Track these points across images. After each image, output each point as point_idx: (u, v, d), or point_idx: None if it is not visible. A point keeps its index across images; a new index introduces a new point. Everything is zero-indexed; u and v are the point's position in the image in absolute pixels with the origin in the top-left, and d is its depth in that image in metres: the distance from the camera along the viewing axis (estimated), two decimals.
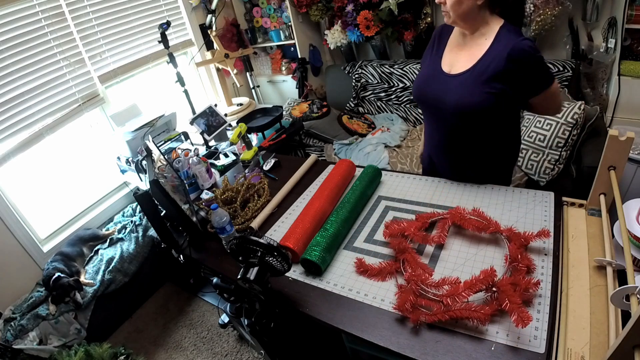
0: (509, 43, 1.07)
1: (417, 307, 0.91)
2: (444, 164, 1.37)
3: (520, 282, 0.87)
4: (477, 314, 0.83)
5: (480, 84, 1.12)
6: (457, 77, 1.17)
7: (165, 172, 1.36)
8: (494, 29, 1.12)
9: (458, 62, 1.19)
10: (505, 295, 0.83)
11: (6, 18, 1.94)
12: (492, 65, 1.10)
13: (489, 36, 1.13)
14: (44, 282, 1.89)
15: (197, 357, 1.97)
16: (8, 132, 2.00)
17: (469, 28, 1.15)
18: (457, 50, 1.21)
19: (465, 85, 1.14)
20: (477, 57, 1.14)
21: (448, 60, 1.22)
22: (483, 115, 1.16)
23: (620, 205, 0.92)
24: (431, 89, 1.22)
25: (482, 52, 1.13)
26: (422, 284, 0.94)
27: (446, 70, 1.20)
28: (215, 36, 2.76)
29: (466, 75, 1.15)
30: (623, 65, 2.03)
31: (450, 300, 0.87)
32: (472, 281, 0.88)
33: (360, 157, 2.42)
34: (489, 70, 1.10)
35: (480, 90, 1.12)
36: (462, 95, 1.14)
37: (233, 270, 1.11)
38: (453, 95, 1.16)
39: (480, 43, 1.14)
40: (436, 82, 1.21)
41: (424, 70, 1.29)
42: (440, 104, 1.20)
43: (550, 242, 1.02)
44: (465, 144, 1.25)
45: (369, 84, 2.89)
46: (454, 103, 1.16)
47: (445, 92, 1.18)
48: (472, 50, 1.16)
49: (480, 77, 1.12)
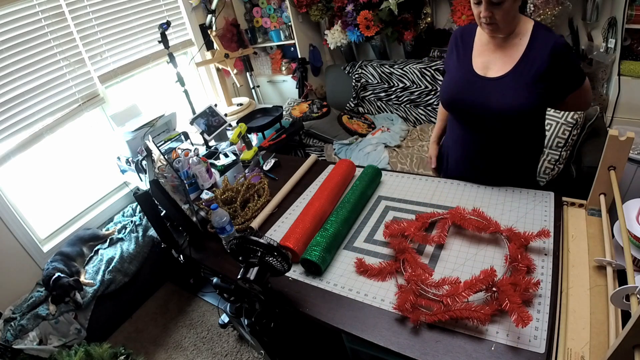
0: (549, 41, 1.05)
1: (417, 307, 0.91)
2: (481, 168, 1.32)
3: (520, 282, 0.87)
4: (477, 314, 0.83)
5: (525, 85, 1.09)
6: (498, 80, 1.13)
7: (165, 172, 1.36)
8: (528, 28, 1.09)
9: (494, 65, 1.14)
10: (505, 295, 0.83)
11: (6, 18, 1.94)
12: (535, 65, 1.07)
13: (524, 36, 1.09)
14: (44, 282, 1.89)
15: (197, 357, 1.97)
16: (8, 132, 2.00)
17: (508, 33, 1.11)
18: (489, 53, 1.16)
19: (510, 88, 1.10)
20: (515, 58, 1.10)
21: (480, 63, 1.17)
22: (526, 116, 1.13)
23: (620, 205, 0.92)
24: (468, 94, 1.17)
25: (520, 52, 1.09)
26: (422, 284, 0.94)
27: (481, 74, 1.15)
28: (215, 36, 2.76)
29: (508, 77, 1.11)
30: (623, 65, 2.03)
31: (450, 300, 0.87)
32: (472, 281, 0.88)
33: (360, 157, 2.42)
34: (532, 70, 1.07)
35: (526, 92, 1.09)
36: (507, 99, 1.10)
37: (233, 270, 1.11)
38: (497, 99, 1.12)
39: (515, 44, 1.11)
40: (473, 86, 1.16)
41: (454, 75, 1.22)
42: (481, 108, 1.15)
43: (550, 242, 1.02)
44: (506, 146, 1.22)
45: (369, 84, 2.89)
46: (498, 107, 1.12)
47: (486, 97, 1.13)
48: (508, 51, 1.12)
49: (524, 79, 1.08)
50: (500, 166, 1.28)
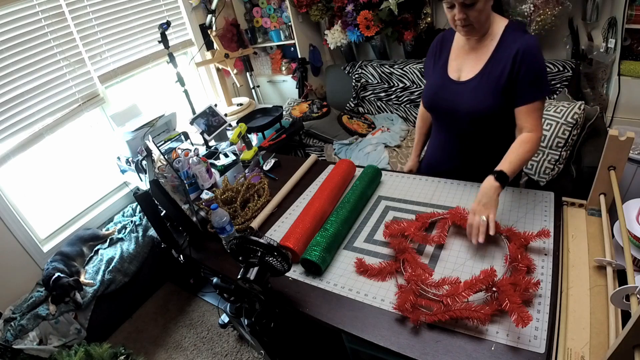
0: (516, 42, 1.05)
1: (418, 307, 0.91)
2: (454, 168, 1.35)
3: (520, 282, 0.87)
4: (478, 314, 0.83)
5: (490, 87, 1.10)
6: (467, 84, 1.15)
7: (165, 172, 1.37)
8: (499, 28, 1.10)
9: (465, 68, 1.17)
10: (505, 295, 0.83)
11: (6, 18, 1.94)
12: (500, 66, 1.08)
13: (495, 37, 1.11)
14: (44, 282, 1.89)
15: (197, 357, 1.97)
16: (8, 132, 2.00)
17: (482, 33, 1.11)
18: (464, 55, 1.18)
19: (476, 91, 1.13)
20: (484, 60, 1.12)
21: (454, 66, 1.20)
22: (496, 118, 1.14)
23: (620, 205, 0.92)
24: (442, 99, 1.21)
25: (489, 54, 1.11)
26: (422, 284, 0.94)
27: (454, 78, 1.19)
28: (215, 36, 2.76)
29: (475, 80, 1.13)
30: (623, 65, 2.03)
31: (450, 300, 0.87)
32: (472, 281, 0.88)
33: (360, 157, 2.42)
34: (497, 72, 1.08)
35: (491, 94, 1.10)
36: (474, 102, 1.13)
37: (233, 270, 1.11)
38: (465, 102, 1.15)
39: (486, 45, 1.12)
40: (446, 91, 1.20)
41: (432, 80, 1.27)
42: (453, 111, 1.19)
43: (550, 242, 1.02)
44: (478, 148, 1.24)
45: (369, 84, 2.89)
46: (466, 110, 1.15)
47: (457, 100, 1.17)
48: (479, 53, 1.14)
49: (490, 81, 1.10)
50: (478, 167, 1.27)
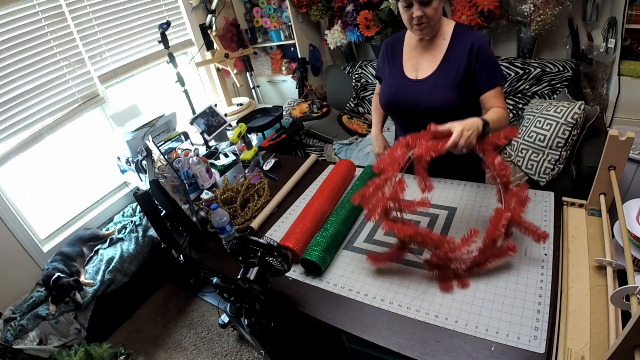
0: (468, 39, 1.13)
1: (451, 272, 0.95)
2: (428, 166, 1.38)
3: (522, 200, 0.96)
4: (506, 252, 0.92)
5: (449, 83, 1.16)
6: (425, 81, 1.21)
7: (165, 172, 1.36)
8: (449, 29, 1.18)
9: (422, 66, 1.22)
10: (518, 223, 0.93)
11: (6, 18, 1.94)
12: (456, 63, 1.14)
13: (446, 36, 1.18)
14: (44, 282, 1.89)
15: (197, 357, 1.97)
16: (8, 132, 2.00)
17: (435, 33, 1.18)
18: (417, 56, 1.24)
19: (436, 87, 1.18)
20: (439, 58, 1.18)
21: (410, 67, 1.25)
22: (457, 112, 1.15)
23: (620, 205, 0.92)
24: (402, 98, 1.26)
25: (443, 52, 1.17)
26: (451, 253, 0.94)
27: (412, 77, 1.24)
28: (215, 36, 2.76)
29: (434, 77, 1.19)
30: (623, 65, 2.03)
31: (478, 255, 0.94)
32: (491, 229, 0.94)
33: (360, 157, 2.42)
34: (454, 68, 1.15)
35: (451, 90, 1.16)
36: (434, 97, 1.18)
37: (233, 270, 1.11)
38: (426, 98, 1.20)
39: (438, 44, 1.19)
40: (405, 90, 1.25)
41: (389, 82, 1.31)
42: (415, 109, 1.23)
43: (550, 242, 1.02)
44: None
45: (369, 84, 2.89)
46: (427, 106, 1.19)
47: (417, 98, 1.22)
48: (433, 52, 1.20)
49: (448, 77, 1.16)
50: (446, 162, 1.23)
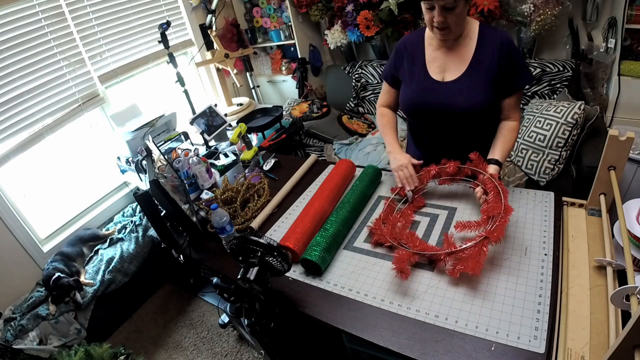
0: (496, 39, 1.12)
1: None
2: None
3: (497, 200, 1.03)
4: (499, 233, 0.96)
5: (480, 83, 1.15)
6: (455, 82, 1.18)
7: (165, 172, 1.36)
8: (475, 29, 1.16)
9: (449, 68, 1.19)
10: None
11: (6, 18, 1.94)
12: (486, 62, 1.13)
13: (472, 36, 1.16)
14: (44, 282, 1.89)
15: (197, 357, 1.97)
16: (8, 132, 2.00)
17: (457, 35, 1.16)
18: (442, 57, 1.20)
19: (467, 88, 1.16)
20: (468, 59, 1.16)
21: (436, 68, 1.21)
22: (487, 112, 1.19)
23: (620, 205, 0.92)
24: (431, 100, 1.21)
25: (471, 53, 1.16)
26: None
27: (438, 79, 1.20)
28: (215, 36, 2.76)
29: (465, 78, 1.17)
30: (623, 65, 2.03)
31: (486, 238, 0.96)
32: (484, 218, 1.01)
33: (360, 157, 2.42)
34: (484, 68, 1.13)
35: (482, 89, 1.15)
36: (467, 98, 1.16)
37: (233, 270, 1.11)
38: (458, 100, 1.17)
39: (465, 44, 1.16)
40: (433, 93, 1.21)
41: (412, 85, 1.26)
42: (444, 112, 1.20)
43: (550, 242, 1.02)
44: (470, 141, 1.26)
45: (369, 84, 2.89)
46: (460, 107, 1.17)
47: (448, 99, 1.18)
48: (460, 53, 1.17)
49: (479, 77, 1.14)
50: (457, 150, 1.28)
